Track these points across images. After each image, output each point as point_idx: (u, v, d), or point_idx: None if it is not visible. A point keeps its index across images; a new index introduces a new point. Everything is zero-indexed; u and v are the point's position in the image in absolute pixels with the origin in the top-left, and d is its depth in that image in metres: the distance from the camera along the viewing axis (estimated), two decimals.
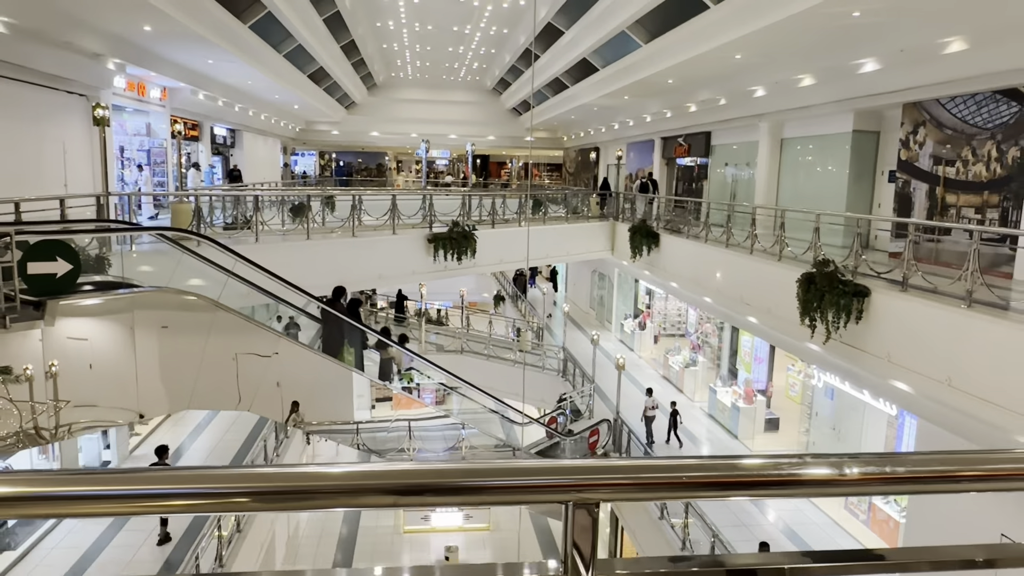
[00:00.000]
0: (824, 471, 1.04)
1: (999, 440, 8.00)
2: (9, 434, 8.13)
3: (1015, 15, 9.48)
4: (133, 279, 9.16)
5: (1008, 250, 10.64)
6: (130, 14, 12.92)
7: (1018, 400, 7.26)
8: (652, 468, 1.05)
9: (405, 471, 1.01)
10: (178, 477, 0.99)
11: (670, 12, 15.21)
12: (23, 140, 14.18)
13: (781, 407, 18.65)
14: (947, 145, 12.71)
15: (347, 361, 14.69)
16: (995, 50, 10.69)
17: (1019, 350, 7.37)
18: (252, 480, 0.98)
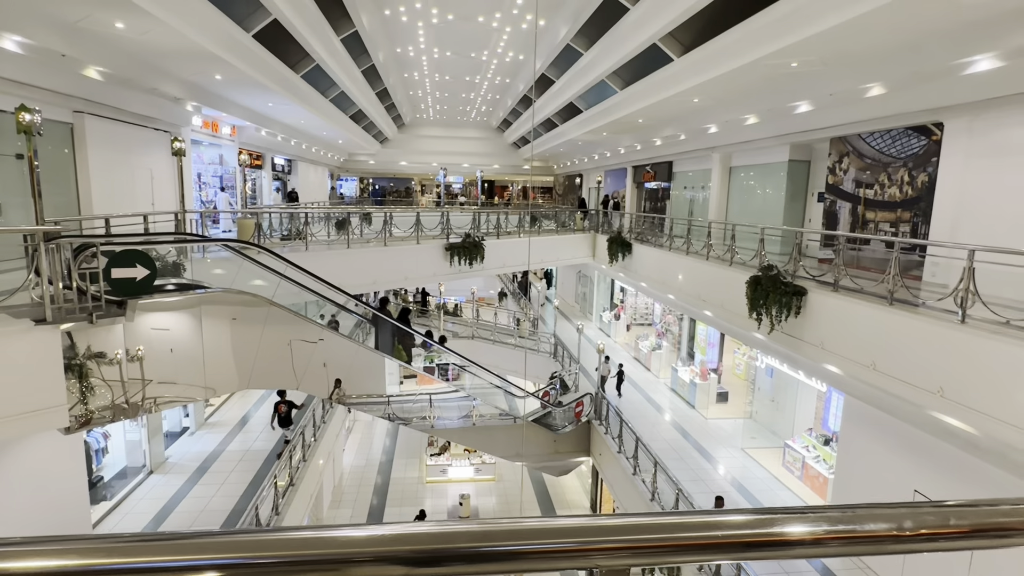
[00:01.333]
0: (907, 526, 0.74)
1: (914, 414, 7.71)
2: (105, 407, 7.89)
3: (923, 69, 9.19)
4: (203, 281, 8.88)
5: (918, 257, 10.35)
6: (204, 65, 12.63)
7: (932, 380, 6.97)
8: (653, 528, 0.74)
9: (416, 535, 0.70)
10: (185, 547, 0.66)
11: (641, 64, 14.95)
12: (119, 168, 13.89)
13: (730, 383, 18.39)
14: (867, 171, 12.38)
15: (397, 353, 14.64)
16: (907, 94, 10.37)
17: (931, 339, 7.12)
18: (228, 550, 0.67)
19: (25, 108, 6.56)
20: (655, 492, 12.36)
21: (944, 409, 6.76)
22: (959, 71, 8.81)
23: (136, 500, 12.46)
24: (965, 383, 6.56)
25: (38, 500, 9.09)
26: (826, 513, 0.76)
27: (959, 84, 9.21)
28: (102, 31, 9.50)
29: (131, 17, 9.04)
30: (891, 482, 9.99)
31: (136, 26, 9.45)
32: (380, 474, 23.14)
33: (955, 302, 6.90)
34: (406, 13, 18.49)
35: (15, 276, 6.81)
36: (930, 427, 7.84)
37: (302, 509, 13.55)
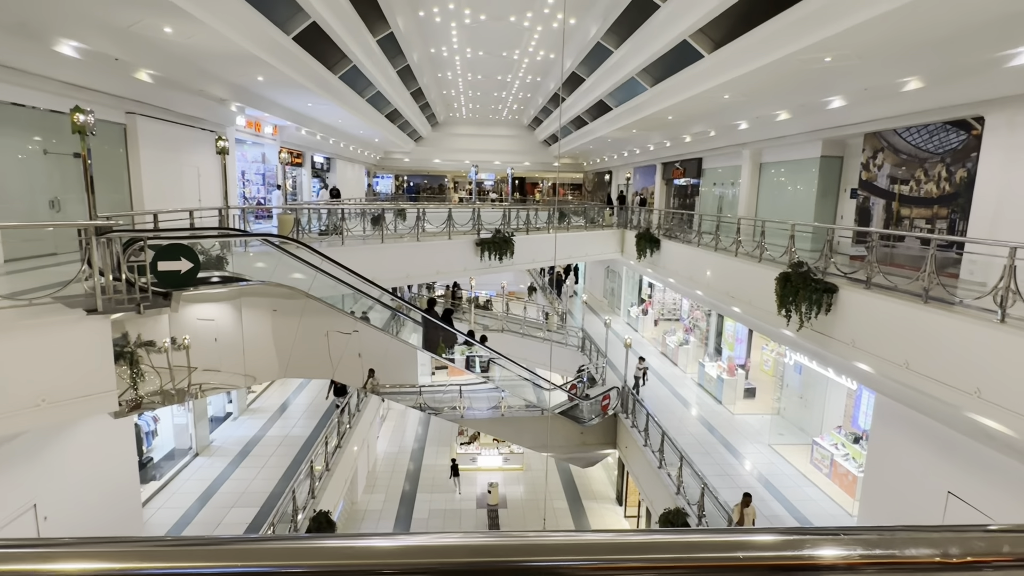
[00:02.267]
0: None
1: (949, 414, 7.37)
2: (154, 393, 8.11)
3: (964, 62, 8.73)
4: (244, 274, 9.02)
5: (955, 254, 9.88)
6: (246, 67, 12.84)
7: (967, 381, 6.64)
8: (682, 547, 0.67)
9: (445, 548, 0.66)
10: (220, 552, 0.65)
11: (671, 61, 14.62)
12: (168, 166, 14.27)
13: (757, 379, 17.98)
14: (902, 167, 11.88)
15: (440, 349, 14.84)
16: (947, 88, 9.89)
17: (968, 338, 6.76)
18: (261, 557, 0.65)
19: (79, 109, 6.75)
20: (680, 486, 12.16)
21: (981, 410, 6.43)
22: (1002, 63, 8.35)
23: (183, 481, 12.83)
24: (1004, 384, 6.22)
25: (92, 479, 9.44)
26: (862, 536, 0.68)
27: (1002, 77, 8.73)
28: (152, 35, 9.72)
29: (178, 21, 9.22)
30: (924, 483, 9.59)
31: (183, 30, 9.64)
32: (412, 461, 23.36)
33: (994, 300, 6.55)
34: (440, 14, 18.48)
35: (71, 268, 7.04)
36: (966, 428, 7.49)
37: (337, 493, 13.77)
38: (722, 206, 20.70)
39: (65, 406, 5.69)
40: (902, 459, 10.16)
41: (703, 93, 13.69)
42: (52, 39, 9.08)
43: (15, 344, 5.42)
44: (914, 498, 9.78)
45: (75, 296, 6.32)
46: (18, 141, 10.06)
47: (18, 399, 5.42)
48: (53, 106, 10.47)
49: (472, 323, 24.56)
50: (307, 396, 18.57)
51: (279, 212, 14.24)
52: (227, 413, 16.57)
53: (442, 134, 41.26)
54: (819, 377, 14.87)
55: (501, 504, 19.94)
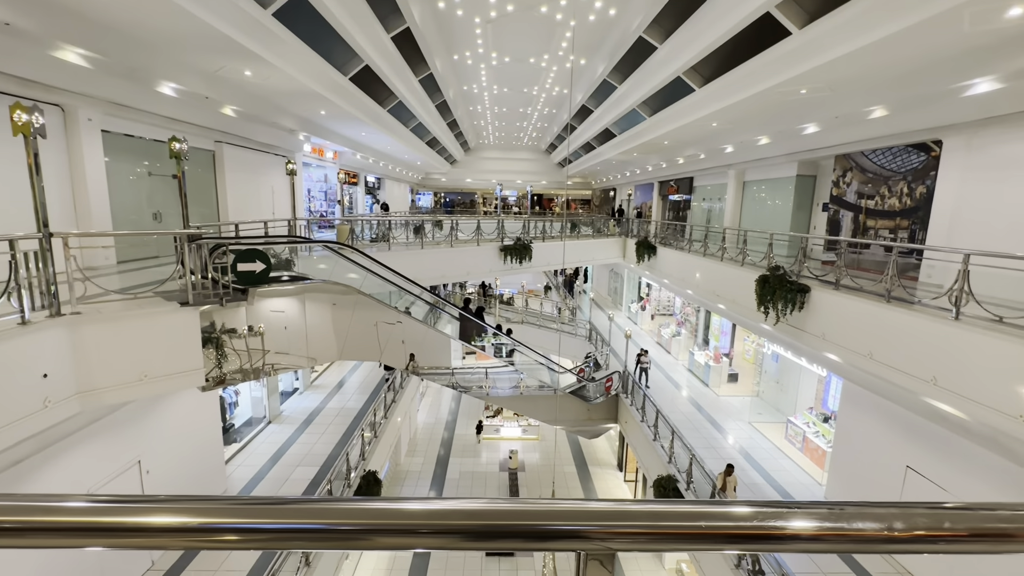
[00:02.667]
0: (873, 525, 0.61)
1: (908, 399, 7.11)
2: (235, 371, 8.28)
3: (924, 92, 8.40)
4: (307, 274, 9.13)
5: (915, 260, 9.54)
6: (311, 103, 13.01)
7: (925, 370, 6.40)
8: (670, 515, 0.64)
9: (469, 511, 0.66)
10: (252, 510, 0.66)
11: (667, 94, 14.38)
12: (248, 185, 14.55)
13: (740, 366, 17.60)
14: (868, 184, 11.50)
15: (474, 338, 14.94)
16: (909, 115, 9.53)
17: (926, 333, 6.51)
18: (306, 516, 0.65)
19: (175, 139, 6.92)
20: (672, 456, 11.97)
21: (937, 396, 6.19)
22: (959, 93, 8.01)
23: (258, 444, 13.07)
24: (958, 373, 5.98)
25: (185, 441, 9.68)
26: (819, 510, 0.63)
27: (959, 105, 8.39)
28: (234, 78, 9.91)
29: (256, 66, 9.38)
30: (885, 458, 9.29)
31: (260, 73, 9.81)
32: (446, 430, 23.48)
33: (950, 300, 6.30)
34: (471, 57, 18.49)
35: (169, 269, 7.23)
36: (924, 411, 7.23)
37: (383, 456, 13.89)
38: (710, 218, 20.32)
39: (162, 381, 5.84)
40: (866, 437, 9.86)
41: (694, 121, 13.45)
42: (155, 82, 9.32)
43: (124, 330, 5.58)
44: (877, 471, 9.48)
45: (171, 291, 6.49)
46: (130, 165, 10.37)
47: (125, 374, 5.58)
48: (156, 136, 10.76)
49: (497, 316, 24.56)
50: (360, 375, 18.78)
51: (338, 223, 14.41)
52: (294, 388, 16.83)
53: (473, 157, 41.34)
54: (793, 365, 14.51)
55: (520, 468, 19.92)
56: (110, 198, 9.42)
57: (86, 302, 5.66)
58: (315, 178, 21.60)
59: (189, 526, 0.63)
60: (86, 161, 8.76)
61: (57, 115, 8.41)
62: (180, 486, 9.38)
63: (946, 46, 6.68)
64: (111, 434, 7.75)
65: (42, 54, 7.13)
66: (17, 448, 5.77)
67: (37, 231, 5.00)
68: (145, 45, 7.67)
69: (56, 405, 4.97)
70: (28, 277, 4.88)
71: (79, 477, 7.18)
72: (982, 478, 7.51)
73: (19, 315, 4.76)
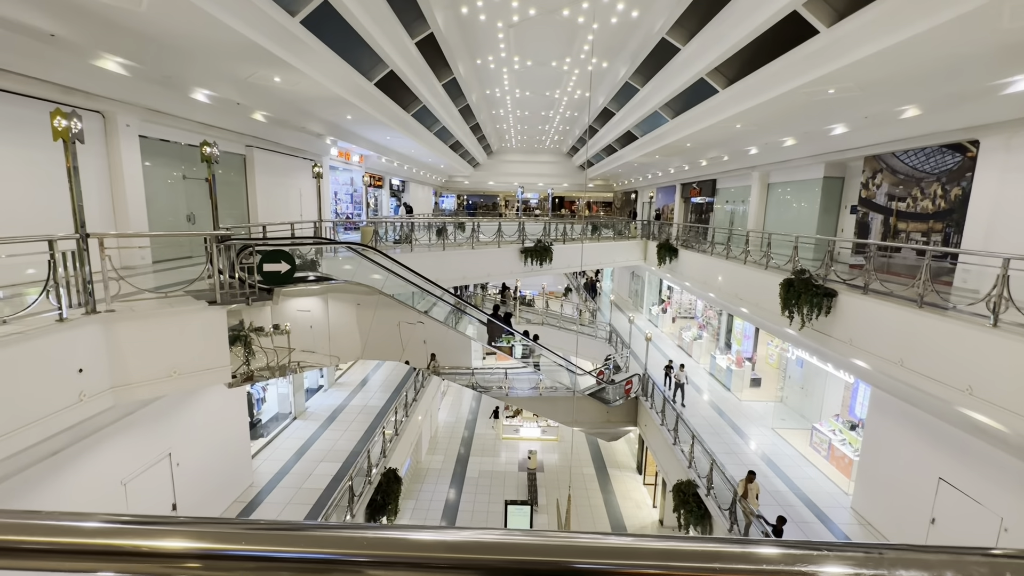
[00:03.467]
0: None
1: (942, 409, 6.76)
2: (263, 368, 8.41)
3: (960, 90, 7.99)
4: (331, 274, 9.24)
5: (949, 264, 9.09)
6: (338, 108, 13.17)
7: (960, 379, 6.07)
8: (684, 555, 0.55)
9: (486, 544, 0.57)
10: (277, 537, 0.59)
11: (689, 96, 14.09)
12: (277, 188, 14.83)
13: (763, 370, 17.11)
14: (900, 186, 11.04)
15: (502, 343, 14.94)
16: (943, 114, 9.09)
17: (962, 340, 6.18)
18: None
19: (206, 143, 7.06)
20: (692, 461, 11.70)
21: (973, 406, 5.86)
22: (997, 91, 7.60)
23: (284, 439, 13.30)
24: (996, 383, 5.65)
25: (214, 435, 9.89)
26: (855, 554, 0.54)
27: (997, 103, 7.96)
28: (264, 84, 10.10)
29: (285, 73, 9.54)
30: (916, 468, 8.87)
31: (289, 79, 9.97)
32: (467, 429, 23.52)
33: (987, 307, 5.96)
34: (493, 61, 18.49)
35: (201, 268, 7.39)
36: (958, 422, 6.87)
37: (404, 454, 13.96)
38: (733, 221, 19.85)
39: (191, 377, 5.96)
40: (896, 446, 9.44)
41: (718, 123, 13.13)
42: (189, 88, 9.57)
43: (155, 327, 5.71)
44: (907, 482, 9.07)
45: (200, 290, 6.62)
46: (165, 169, 10.68)
47: (156, 370, 5.71)
48: (190, 141, 11.05)
49: (517, 317, 24.49)
50: (383, 374, 18.95)
51: (363, 225, 14.56)
52: (319, 385, 17.08)
53: (495, 160, 41.42)
54: (819, 370, 14.03)
55: (539, 469, 19.80)
56: (147, 201, 9.71)
57: (120, 300, 5.82)
58: (341, 181, 21.92)
59: (189, 552, 0.56)
60: (124, 165, 9.05)
61: (97, 121, 8.70)
62: (209, 479, 9.58)
63: (983, 42, 6.33)
64: (143, 428, 7.97)
65: (83, 63, 7.38)
66: (54, 440, 5.96)
67: (75, 232, 5.15)
68: (180, 53, 7.88)
69: (91, 399, 5.11)
70: (66, 276, 5.03)
71: (113, 469, 7.39)
72: (1020, 493, 7.09)
73: (57, 312, 4.91)
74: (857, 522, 10.00)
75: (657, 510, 17.17)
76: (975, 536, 7.70)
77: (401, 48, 12.85)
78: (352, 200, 22.93)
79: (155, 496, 8.21)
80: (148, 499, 8.01)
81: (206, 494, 9.53)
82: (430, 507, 16.95)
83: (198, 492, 9.22)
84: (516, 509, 14.95)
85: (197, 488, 9.20)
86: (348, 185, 22.49)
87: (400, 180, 30.79)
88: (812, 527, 9.78)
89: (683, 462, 11.93)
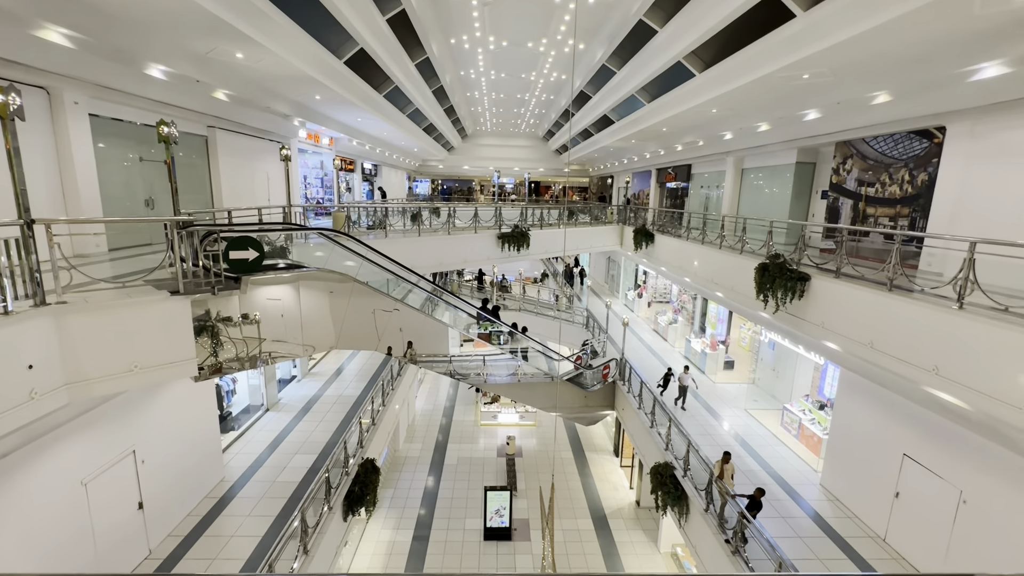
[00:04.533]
0: None
1: (909, 388, 7.01)
2: (232, 360, 8.11)
3: (929, 77, 8.16)
4: (303, 262, 8.93)
5: (915, 248, 9.40)
6: (305, 87, 12.65)
7: (926, 360, 6.30)
8: None
9: None
10: None
11: (666, 80, 14.08)
12: (242, 171, 14.25)
13: (736, 353, 17.55)
14: (869, 171, 11.31)
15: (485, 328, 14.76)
16: (913, 101, 9.31)
17: (928, 322, 6.39)
18: None
19: (163, 122, 6.65)
20: (669, 443, 11.93)
21: (938, 385, 6.09)
22: (965, 78, 7.80)
23: (256, 431, 12.97)
24: (960, 363, 5.87)
25: (182, 430, 9.54)
26: None
27: (964, 90, 8.17)
28: (226, 60, 9.58)
29: (247, 48, 9.05)
30: (882, 445, 9.25)
31: (252, 55, 9.48)
32: (444, 416, 23.48)
33: (953, 289, 6.16)
34: (468, 41, 18.06)
35: (161, 256, 7.01)
36: (924, 401, 7.13)
37: (382, 443, 13.82)
38: (708, 206, 20.11)
39: (153, 371, 5.68)
40: (863, 424, 9.82)
41: (694, 108, 13.17)
42: (143, 64, 8.99)
43: (112, 319, 5.39)
44: (873, 459, 9.45)
45: (161, 280, 6.29)
46: (120, 151, 10.08)
47: (115, 364, 5.41)
48: (146, 120, 10.45)
49: (493, 301, 24.41)
50: (358, 363, 18.66)
51: (334, 210, 14.15)
52: (292, 376, 16.72)
53: (470, 144, 40.85)
54: (790, 352, 14.45)
55: (517, 454, 19.95)
56: (100, 184, 9.15)
57: (74, 291, 5.47)
58: (311, 164, 21.24)
59: None
60: (73, 146, 8.48)
61: (41, 98, 8.11)
62: (176, 475, 9.26)
63: (955, 28, 6.44)
64: (104, 424, 7.61)
65: (23, 33, 6.81)
66: (4, 440, 5.61)
67: (17, 217, 4.78)
68: (131, 25, 7.35)
69: (43, 397, 4.80)
70: (10, 266, 4.68)
71: (72, 468, 7.04)
72: (978, 467, 7.46)
73: (1, 305, 4.56)
74: (826, 498, 10.40)
75: (634, 491, 17.55)
76: (935, 508, 8.09)
77: (372, 25, 12.38)
78: (323, 184, 22.27)
79: (119, 496, 7.88)
80: (112, 499, 7.69)
81: (175, 491, 9.22)
82: (408, 495, 16.91)
83: (166, 489, 8.91)
84: (495, 495, 15.05)
85: (165, 485, 8.88)
86: (318, 168, 21.82)
87: (372, 164, 30.07)
88: (784, 504, 10.13)
89: (660, 444, 12.15)
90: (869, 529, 9.38)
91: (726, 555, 8.46)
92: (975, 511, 7.50)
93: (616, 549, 14.67)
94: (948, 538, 7.82)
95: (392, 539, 14.74)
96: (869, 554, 8.68)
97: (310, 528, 8.40)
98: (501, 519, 15.00)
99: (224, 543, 8.67)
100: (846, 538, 9.13)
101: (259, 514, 9.48)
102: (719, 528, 8.89)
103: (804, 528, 9.40)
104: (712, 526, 9.07)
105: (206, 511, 9.56)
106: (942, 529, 7.91)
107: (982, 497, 7.40)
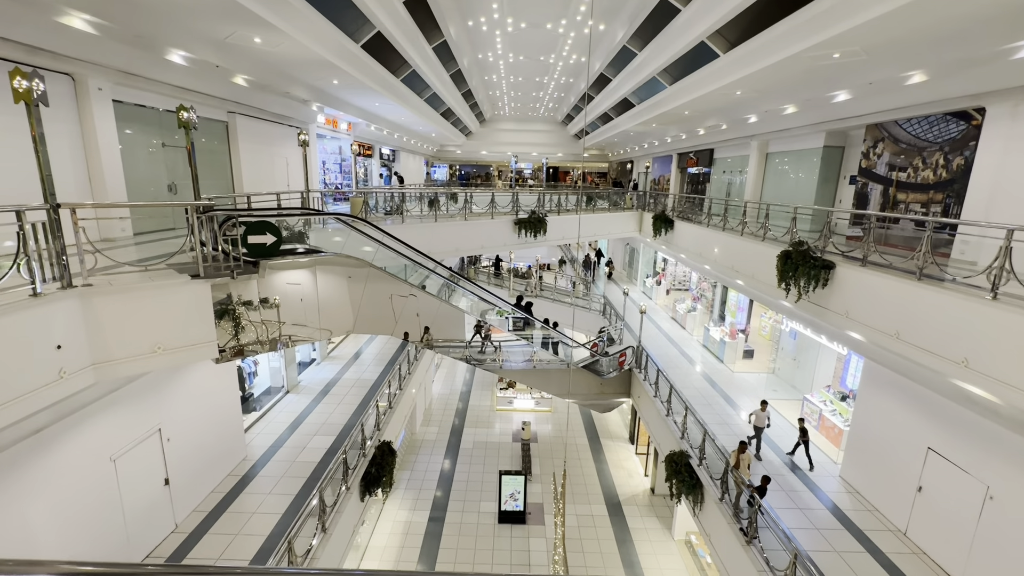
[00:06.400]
0: None
1: (936, 381, 6.80)
2: (253, 342, 8.28)
3: (968, 55, 7.74)
4: (320, 247, 9.00)
5: (947, 236, 9.04)
6: (323, 72, 12.65)
7: (955, 352, 6.08)
8: None
9: None
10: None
11: (689, 61, 13.68)
12: (261, 156, 14.39)
13: (756, 342, 17.27)
14: (901, 155, 10.87)
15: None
16: (950, 80, 8.86)
17: (959, 312, 6.15)
18: None
19: (183, 108, 6.73)
20: (685, 432, 11.85)
21: (968, 378, 5.88)
22: (1007, 56, 7.38)
23: (276, 412, 13.30)
24: (993, 355, 5.65)
25: (205, 410, 9.83)
26: None
27: (1006, 69, 7.75)
28: (244, 45, 9.61)
29: (266, 32, 9.06)
30: (905, 438, 9.03)
31: (270, 40, 9.49)
32: (461, 401, 23.73)
33: (987, 279, 5.91)
34: (486, 23, 17.79)
35: (183, 241, 7.16)
36: (952, 394, 6.92)
37: (399, 426, 14.04)
38: (730, 191, 19.66)
39: (175, 353, 5.83)
40: (886, 417, 9.58)
41: (718, 90, 12.79)
42: (164, 49, 9.09)
43: (136, 301, 5.53)
44: (896, 452, 9.24)
45: (183, 263, 6.42)
46: (143, 136, 10.26)
47: (139, 346, 5.57)
48: (168, 106, 10.60)
49: (510, 288, 24.41)
50: (376, 347, 18.92)
51: (352, 195, 14.23)
52: (312, 359, 17.03)
53: (488, 129, 40.54)
54: (811, 342, 14.14)
55: (533, 440, 20.09)
56: (124, 169, 9.34)
57: (99, 274, 5.62)
58: (329, 150, 21.35)
59: None
60: (98, 131, 8.65)
61: (67, 84, 8.27)
62: (201, 453, 9.57)
63: (999, 2, 6.08)
64: (132, 403, 7.87)
65: (47, 20, 6.93)
66: (35, 418, 5.85)
67: (44, 202, 4.91)
68: (151, 10, 7.41)
69: (71, 376, 4.97)
70: (38, 249, 4.82)
71: (101, 445, 7.32)
72: (1007, 462, 7.23)
73: (31, 287, 4.71)
74: (845, 490, 10.24)
75: (649, 479, 17.55)
76: (960, 503, 7.90)
77: (389, 7, 12.27)
78: (341, 170, 22.39)
79: (146, 472, 8.18)
80: (139, 475, 7.99)
81: (199, 469, 9.53)
82: (425, 477, 17.21)
83: (191, 467, 9.22)
84: (510, 479, 15.21)
85: (190, 463, 9.19)
86: (336, 154, 21.92)
87: (390, 149, 30.10)
88: (801, 495, 10.01)
89: (676, 433, 12.09)
90: (889, 523, 9.21)
91: (740, 544, 8.41)
92: (1002, 508, 7.29)
93: (630, 536, 14.74)
94: (972, 534, 7.63)
95: (409, 519, 15.06)
96: (889, 548, 8.54)
97: (328, 507, 8.62)
98: (516, 503, 15.18)
99: (246, 519, 8.96)
100: (865, 531, 8.98)
101: (280, 492, 9.75)
102: (734, 517, 8.83)
103: (822, 520, 9.28)
104: (727, 515, 9.02)
105: (229, 488, 9.88)
106: (967, 525, 7.72)
107: (1010, 494, 7.18)
